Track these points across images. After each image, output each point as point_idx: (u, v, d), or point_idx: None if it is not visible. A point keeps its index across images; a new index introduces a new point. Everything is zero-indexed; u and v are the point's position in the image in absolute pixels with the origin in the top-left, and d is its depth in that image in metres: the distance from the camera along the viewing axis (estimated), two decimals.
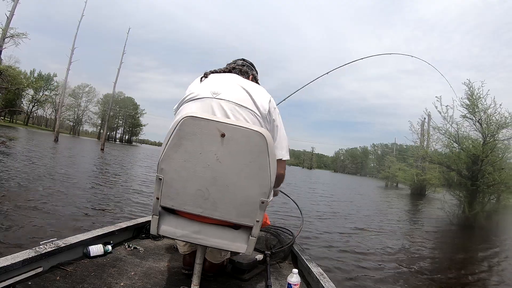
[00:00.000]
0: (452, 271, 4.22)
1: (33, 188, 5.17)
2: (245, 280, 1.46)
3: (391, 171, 29.46)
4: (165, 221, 1.03)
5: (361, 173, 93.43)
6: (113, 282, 1.22)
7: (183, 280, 1.35)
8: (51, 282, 1.13)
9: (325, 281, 1.35)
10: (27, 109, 56.79)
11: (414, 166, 20.60)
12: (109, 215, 4.39)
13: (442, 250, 5.70)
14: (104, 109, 59.10)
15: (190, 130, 0.91)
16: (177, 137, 0.92)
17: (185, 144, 0.92)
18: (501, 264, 4.86)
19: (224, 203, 0.95)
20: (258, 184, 0.93)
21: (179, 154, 0.93)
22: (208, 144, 0.91)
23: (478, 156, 7.79)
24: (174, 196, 0.97)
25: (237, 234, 1.01)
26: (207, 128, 0.90)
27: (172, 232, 1.02)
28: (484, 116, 8.08)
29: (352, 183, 32.89)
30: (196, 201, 0.96)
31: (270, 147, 0.91)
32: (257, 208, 0.94)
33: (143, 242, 1.78)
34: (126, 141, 71.86)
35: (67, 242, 1.31)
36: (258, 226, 0.97)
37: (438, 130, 8.63)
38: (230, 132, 0.89)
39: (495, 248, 6.07)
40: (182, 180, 0.95)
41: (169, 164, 0.95)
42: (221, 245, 1.01)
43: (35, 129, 51.26)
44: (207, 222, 1.02)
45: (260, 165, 0.91)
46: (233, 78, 1.17)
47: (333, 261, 3.85)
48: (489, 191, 8.04)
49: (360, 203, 12.15)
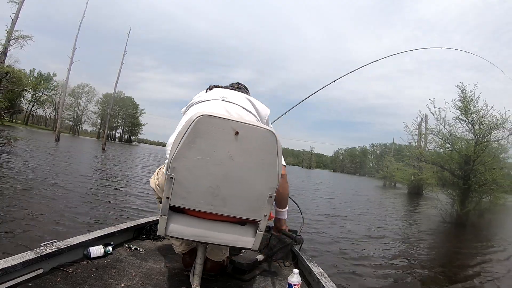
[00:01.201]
0: (441, 265, 4.47)
1: (35, 188, 5.19)
2: (246, 281, 1.46)
3: (389, 170, 29.71)
4: (172, 221, 1.03)
5: (360, 173, 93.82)
6: (114, 283, 1.22)
7: (184, 281, 1.36)
8: (52, 283, 1.12)
9: (326, 281, 1.35)
10: (26, 108, 56.82)
11: (412, 166, 20.86)
12: (109, 216, 4.39)
13: (433, 246, 5.96)
14: (103, 109, 59.23)
15: (205, 128, 0.92)
16: (191, 135, 0.92)
17: (199, 142, 0.93)
18: (489, 258, 5.13)
19: (233, 199, 0.98)
20: (267, 179, 0.98)
21: (193, 152, 0.94)
22: (222, 142, 0.93)
23: (469, 156, 8.08)
24: (186, 195, 0.98)
25: (244, 229, 1.05)
26: (221, 127, 0.92)
27: (180, 232, 1.02)
28: (476, 118, 8.36)
29: (351, 183, 33.09)
30: (206, 198, 0.98)
31: (279, 145, 0.97)
32: (265, 202, 0.99)
33: (143, 243, 1.78)
34: (125, 141, 71.95)
35: (67, 244, 1.31)
36: (265, 220, 1.01)
37: (431, 132, 8.92)
38: (244, 131, 0.93)
39: (484, 243, 6.35)
40: (195, 178, 0.96)
41: (181, 162, 0.95)
42: (228, 241, 1.03)
43: (35, 129, 51.26)
44: (214, 219, 1.04)
45: (270, 161, 0.96)
46: (236, 91, 1.31)
47: (329, 259, 3.93)
48: (481, 190, 8.31)
49: (358, 202, 12.43)
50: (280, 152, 0.99)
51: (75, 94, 60.74)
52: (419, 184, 20.90)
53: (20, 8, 12.01)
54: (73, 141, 31.41)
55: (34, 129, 47.21)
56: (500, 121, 8.07)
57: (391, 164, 29.59)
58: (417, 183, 21.02)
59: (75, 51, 25.16)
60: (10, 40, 11.03)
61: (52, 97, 54.27)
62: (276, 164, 0.97)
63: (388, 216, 9.16)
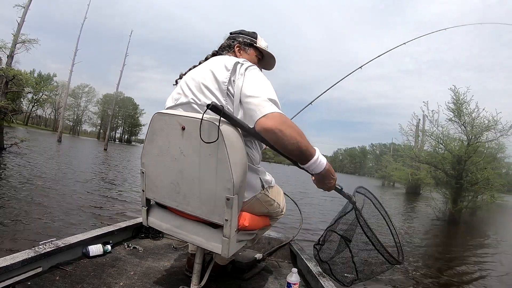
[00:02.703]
0: (430, 259, 4.78)
1: (39, 189, 5.24)
2: (245, 280, 1.46)
3: (388, 170, 30.03)
4: (153, 213, 1.08)
5: (359, 173, 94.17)
6: (113, 282, 1.22)
7: (183, 280, 1.35)
8: (51, 282, 1.12)
9: (324, 280, 1.33)
10: (26, 109, 57.03)
11: (410, 166, 21.18)
12: (109, 214, 4.40)
13: (426, 242, 6.27)
14: (103, 109, 59.52)
15: (158, 126, 0.96)
16: (150, 133, 0.98)
17: (156, 139, 0.97)
18: (478, 253, 5.45)
19: (193, 197, 0.93)
20: (219, 179, 0.86)
21: (153, 149, 0.98)
22: (173, 138, 0.93)
23: (461, 156, 8.41)
24: (154, 189, 1.02)
25: (213, 233, 0.95)
26: (170, 123, 0.92)
27: (158, 224, 1.06)
28: (468, 120, 8.69)
29: (350, 183, 33.39)
30: (171, 194, 0.98)
31: (226, 137, 0.83)
32: (223, 205, 0.87)
33: (142, 242, 1.78)
34: (125, 141, 72.16)
35: (66, 242, 1.30)
36: (228, 226, 0.89)
37: (424, 133, 9.25)
38: (188, 125, 0.88)
39: (475, 239, 6.67)
40: (158, 174, 1.00)
41: (147, 158, 1.01)
42: (199, 242, 0.97)
43: (35, 129, 51.40)
44: (188, 218, 1.01)
45: (219, 158, 0.85)
46: (198, 71, 1.04)
47: None
48: (473, 189, 8.65)
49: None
50: (232, 146, 0.84)
51: (75, 94, 60.97)
52: (416, 183, 21.24)
53: (26, 12, 12.33)
54: (75, 142, 31.62)
55: (34, 130, 47.32)
56: (491, 123, 8.41)
57: (390, 164, 29.93)
58: (414, 183, 21.34)
59: (76, 52, 25.48)
60: (16, 43, 11.32)
61: (52, 98, 54.43)
62: (226, 161, 0.83)
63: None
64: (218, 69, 0.97)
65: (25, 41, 11.22)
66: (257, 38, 1.21)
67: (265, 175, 1.12)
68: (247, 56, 1.18)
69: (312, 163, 0.92)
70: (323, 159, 0.94)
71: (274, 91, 0.93)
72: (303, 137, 0.87)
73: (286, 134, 0.83)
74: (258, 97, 0.88)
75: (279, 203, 1.20)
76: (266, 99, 0.87)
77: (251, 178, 1.02)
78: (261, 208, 1.10)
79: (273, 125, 0.83)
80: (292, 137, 0.84)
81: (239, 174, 0.87)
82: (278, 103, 0.89)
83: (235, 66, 0.95)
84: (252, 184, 1.02)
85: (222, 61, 0.99)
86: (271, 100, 0.88)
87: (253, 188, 1.03)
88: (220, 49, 1.19)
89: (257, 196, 1.05)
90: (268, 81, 0.97)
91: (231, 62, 0.96)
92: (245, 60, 1.00)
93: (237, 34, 1.20)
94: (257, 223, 1.08)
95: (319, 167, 0.93)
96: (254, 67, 0.98)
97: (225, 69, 0.95)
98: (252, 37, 1.20)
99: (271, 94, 0.90)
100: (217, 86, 0.95)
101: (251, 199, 1.02)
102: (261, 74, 0.98)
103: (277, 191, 1.20)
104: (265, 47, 1.22)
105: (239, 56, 1.17)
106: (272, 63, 1.29)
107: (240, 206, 0.94)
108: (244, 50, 1.19)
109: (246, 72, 0.94)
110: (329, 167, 0.96)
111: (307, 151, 0.89)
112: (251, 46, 1.20)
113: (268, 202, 1.12)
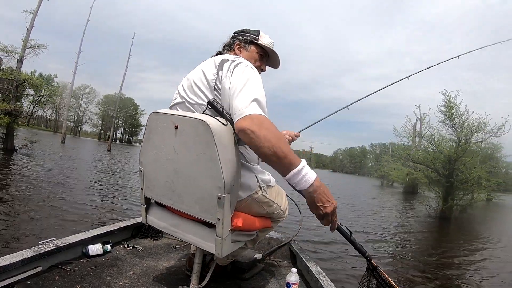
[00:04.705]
0: (421, 253, 5.20)
1: (42, 189, 5.31)
2: (245, 279, 1.46)
3: (386, 170, 30.35)
4: (152, 211, 1.10)
5: (359, 173, 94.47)
6: (112, 281, 1.21)
7: (183, 280, 1.34)
8: (50, 281, 1.12)
9: (324, 280, 1.33)
10: (27, 110, 57.30)
11: (407, 166, 21.57)
12: (109, 214, 4.41)
13: (418, 236, 6.71)
14: (104, 110, 59.90)
15: (154, 125, 0.98)
16: (147, 132, 1.01)
17: (153, 138, 0.99)
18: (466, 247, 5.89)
19: (187, 196, 0.94)
20: (210, 177, 0.86)
21: (150, 148, 1.01)
22: (167, 137, 0.94)
23: (451, 156, 8.86)
24: (152, 187, 1.04)
25: (208, 232, 0.95)
26: (165, 122, 0.94)
27: (156, 222, 1.08)
28: (459, 122, 9.14)
29: (349, 183, 33.66)
30: (166, 192, 0.99)
31: (217, 136, 0.83)
32: (215, 204, 0.88)
33: (142, 242, 1.78)
34: (126, 141, 72.50)
35: (66, 242, 1.30)
36: (221, 226, 0.89)
37: (415, 134, 9.69)
38: (181, 124, 0.90)
39: (464, 236, 7.12)
40: (154, 172, 1.01)
41: (145, 157, 1.03)
42: (194, 241, 0.98)
43: (36, 130, 51.67)
44: (185, 217, 1.01)
45: (210, 157, 0.85)
46: (193, 71, 1.06)
47: (328, 258, 4.04)
48: (463, 188, 9.10)
49: (354, 201, 13.15)
50: (222, 145, 0.84)
51: (76, 95, 61.12)
52: (414, 183, 21.63)
53: (35, 18, 12.71)
54: (77, 143, 32.07)
55: (35, 130, 47.54)
56: (480, 125, 8.86)
57: (388, 164, 30.25)
58: (412, 182, 21.73)
59: (79, 54, 25.92)
60: (26, 48, 11.74)
61: (53, 99, 54.73)
62: (217, 159, 0.83)
63: (380, 212, 9.80)
64: (207, 67, 0.99)
65: (35, 46, 11.64)
66: (260, 35, 1.20)
67: (263, 174, 1.10)
68: (247, 53, 1.18)
69: (293, 175, 0.80)
70: (311, 173, 0.82)
71: (261, 90, 0.90)
72: (281, 141, 0.79)
73: (258, 136, 0.78)
74: (240, 97, 0.85)
75: (280, 205, 1.17)
76: (249, 100, 0.84)
77: (246, 177, 0.99)
78: (259, 209, 1.08)
79: (246, 125, 0.79)
80: (267, 139, 0.78)
81: (230, 172, 0.85)
82: (262, 103, 0.86)
83: (222, 62, 0.95)
84: (247, 183, 1.00)
85: (213, 59, 1.00)
86: (254, 100, 0.84)
87: (249, 187, 1.00)
88: (223, 49, 1.21)
89: (254, 196, 1.02)
90: (256, 79, 0.92)
91: (220, 58, 0.97)
92: (237, 57, 0.98)
93: (239, 33, 1.21)
94: (253, 223, 1.05)
95: (303, 182, 0.81)
96: (244, 64, 0.95)
97: (214, 66, 0.97)
98: (253, 34, 1.20)
99: (255, 93, 0.86)
100: (206, 84, 0.96)
101: (246, 198, 1.00)
102: (249, 71, 0.93)
103: (277, 192, 1.17)
104: (269, 43, 1.21)
105: (239, 54, 1.17)
106: (277, 60, 1.28)
107: (234, 206, 0.92)
108: (244, 48, 1.19)
109: (234, 69, 0.92)
110: (320, 185, 0.83)
111: (285, 158, 0.79)
112: (252, 43, 1.19)
113: (267, 203, 1.09)
